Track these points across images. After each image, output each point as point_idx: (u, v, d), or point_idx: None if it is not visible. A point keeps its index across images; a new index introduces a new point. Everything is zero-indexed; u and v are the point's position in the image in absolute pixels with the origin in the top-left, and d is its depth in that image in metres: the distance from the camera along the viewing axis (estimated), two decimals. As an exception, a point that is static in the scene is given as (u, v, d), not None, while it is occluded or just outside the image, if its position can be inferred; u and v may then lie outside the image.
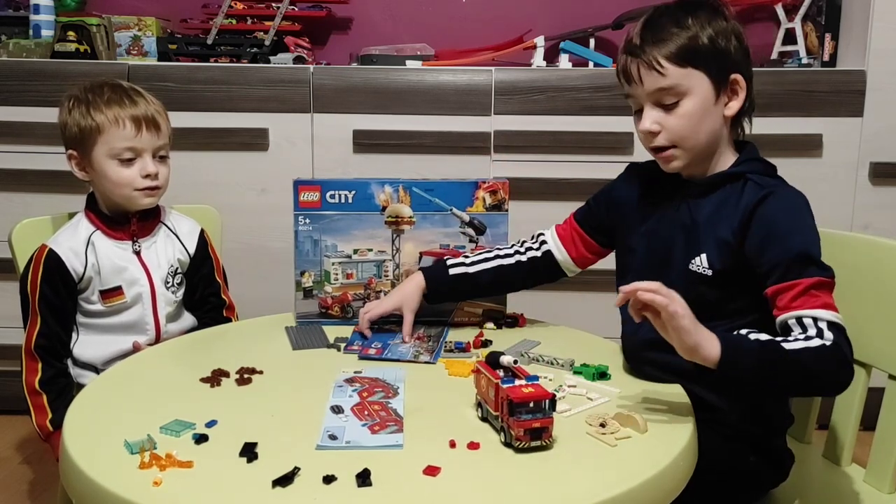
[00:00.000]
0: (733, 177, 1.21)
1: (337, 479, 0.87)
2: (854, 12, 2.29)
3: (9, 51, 2.32)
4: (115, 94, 1.42)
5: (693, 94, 1.18)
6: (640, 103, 1.22)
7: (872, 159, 2.22)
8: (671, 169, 1.24)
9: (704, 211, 1.21)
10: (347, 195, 1.44)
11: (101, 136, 1.40)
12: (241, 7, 2.50)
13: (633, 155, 2.21)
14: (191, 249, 1.56)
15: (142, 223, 1.49)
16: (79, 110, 1.41)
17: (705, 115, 1.19)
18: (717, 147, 1.23)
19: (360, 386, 1.14)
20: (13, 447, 2.20)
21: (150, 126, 1.42)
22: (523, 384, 0.97)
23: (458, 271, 1.41)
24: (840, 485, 1.29)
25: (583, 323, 1.50)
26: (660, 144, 1.21)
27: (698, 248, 1.19)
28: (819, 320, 1.07)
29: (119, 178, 1.42)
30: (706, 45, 1.17)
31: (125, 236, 1.47)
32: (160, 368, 1.25)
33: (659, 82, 1.18)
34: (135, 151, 1.42)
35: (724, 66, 1.19)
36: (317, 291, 1.47)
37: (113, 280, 1.45)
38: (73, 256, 1.42)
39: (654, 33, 1.18)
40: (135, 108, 1.41)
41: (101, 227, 1.46)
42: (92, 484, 0.88)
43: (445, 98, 2.22)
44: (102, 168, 1.42)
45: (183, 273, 1.56)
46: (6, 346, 2.27)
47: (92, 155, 1.42)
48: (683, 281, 1.18)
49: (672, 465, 0.94)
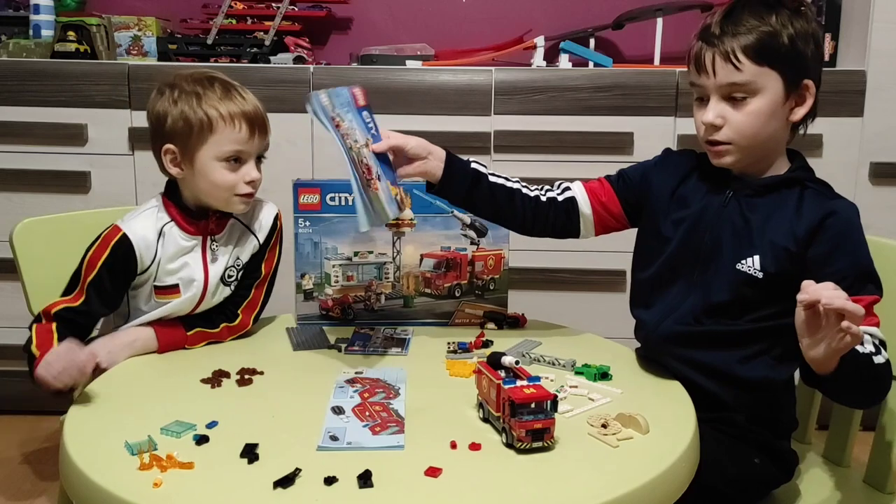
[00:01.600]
0: (790, 182, 1.20)
1: (338, 481, 0.87)
2: (854, 12, 2.29)
3: (9, 51, 2.32)
4: (226, 90, 1.30)
5: (764, 94, 1.16)
6: (706, 93, 1.19)
7: (872, 159, 2.22)
8: (721, 164, 1.21)
9: (759, 212, 1.19)
10: (348, 197, 1.44)
11: (213, 134, 1.28)
12: (241, 7, 2.50)
13: (632, 155, 2.21)
14: (262, 238, 1.41)
15: (220, 220, 1.37)
16: (187, 102, 1.28)
17: (771, 117, 1.17)
18: (774, 150, 1.22)
19: (362, 387, 1.14)
20: (13, 447, 2.20)
21: (261, 129, 1.32)
22: (525, 385, 0.97)
23: (479, 169, 1.30)
24: (840, 485, 1.29)
25: (584, 323, 1.50)
26: (719, 139, 1.19)
27: (751, 249, 1.18)
28: (874, 337, 1.09)
29: (223, 182, 1.30)
30: (785, 45, 1.15)
31: (198, 232, 1.35)
32: (161, 369, 1.25)
33: (733, 76, 1.15)
34: (242, 155, 1.31)
35: (799, 70, 1.17)
36: (317, 294, 1.47)
37: (172, 278, 1.34)
38: (144, 247, 1.30)
39: (735, 24, 1.15)
40: (246, 106, 1.30)
41: (177, 219, 1.34)
42: (92, 485, 0.87)
43: (445, 98, 2.22)
44: (205, 168, 1.29)
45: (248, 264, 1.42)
46: (6, 346, 2.27)
47: (196, 153, 1.29)
48: (728, 279, 1.18)
49: (674, 466, 0.94)
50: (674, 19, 2.46)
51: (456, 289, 1.48)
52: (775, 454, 1.22)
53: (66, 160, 2.23)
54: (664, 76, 2.20)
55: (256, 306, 1.42)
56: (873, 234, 1.32)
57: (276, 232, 1.44)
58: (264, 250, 1.43)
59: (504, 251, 1.48)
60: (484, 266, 1.48)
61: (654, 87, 2.20)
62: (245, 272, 1.42)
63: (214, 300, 1.38)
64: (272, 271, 1.45)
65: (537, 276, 2.23)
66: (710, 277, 1.20)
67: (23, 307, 1.51)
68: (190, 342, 1.32)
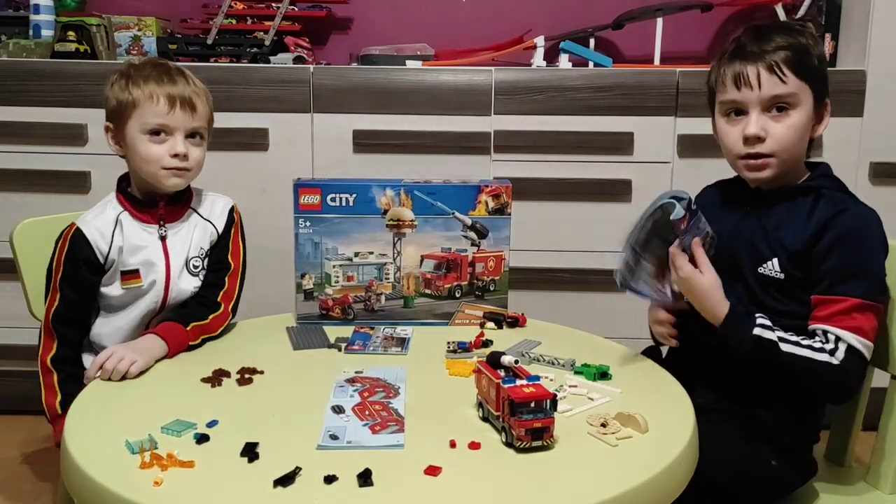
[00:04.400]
0: (806, 190, 1.24)
1: (338, 479, 0.87)
2: (854, 12, 2.29)
3: (9, 51, 2.32)
4: (156, 71, 1.41)
5: (802, 107, 1.21)
6: (745, 108, 1.23)
7: (872, 159, 2.22)
8: (759, 178, 1.25)
9: (773, 218, 1.24)
10: (348, 198, 1.44)
11: (136, 110, 1.39)
12: (241, 7, 2.50)
13: (632, 155, 2.21)
14: (220, 227, 1.50)
15: (170, 207, 1.46)
16: (119, 84, 1.42)
17: (806, 131, 1.23)
18: (799, 163, 1.27)
19: (361, 386, 1.15)
20: (13, 447, 2.20)
21: (184, 105, 1.40)
22: (524, 384, 0.98)
23: None
24: (841, 485, 1.29)
25: (584, 323, 1.50)
26: (761, 151, 1.22)
27: (768, 253, 1.22)
28: (840, 340, 1.13)
29: (147, 154, 1.39)
30: (815, 62, 1.21)
31: (152, 220, 1.44)
32: (161, 369, 1.25)
33: (778, 88, 1.20)
34: (166, 129, 1.39)
35: (822, 87, 1.24)
36: (317, 293, 1.47)
37: (133, 262, 1.42)
38: (98, 236, 1.41)
39: (769, 41, 1.21)
40: (172, 87, 1.40)
41: (128, 209, 1.44)
42: (93, 484, 0.88)
43: (445, 98, 2.22)
44: (133, 142, 1.40)
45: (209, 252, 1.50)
46: (6, 346, 2.27)
47: (126, 129, 1.41)
48: (755, 284, 1.23)
49: (673, 464, 0.94)
50: (674, 19, 2.46)
51: (456, 290, 1.48)
52: (794, 458, 1.23)
53: (66, 160, 2.23)
54: (664, 76, 2.20)
55: (233, 296, 1.48)
56: (872, 233, 1.32)
57: (234, 224, 1.52)
58: (225, 240, 1.50)
59: (505, 253, 1.48)
60: (484, 267, 1.48)
61: (654, 87, 2.20)
62: (213, 264, 1.49)
63: (182, 286, 1.45)
64: (242, 263, 1.52)
65: (537, 276, 2.22)
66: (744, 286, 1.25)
67: (23, 307, 1.51)
68: (190, 338, 1.35)
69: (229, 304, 1.46)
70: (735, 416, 1.20)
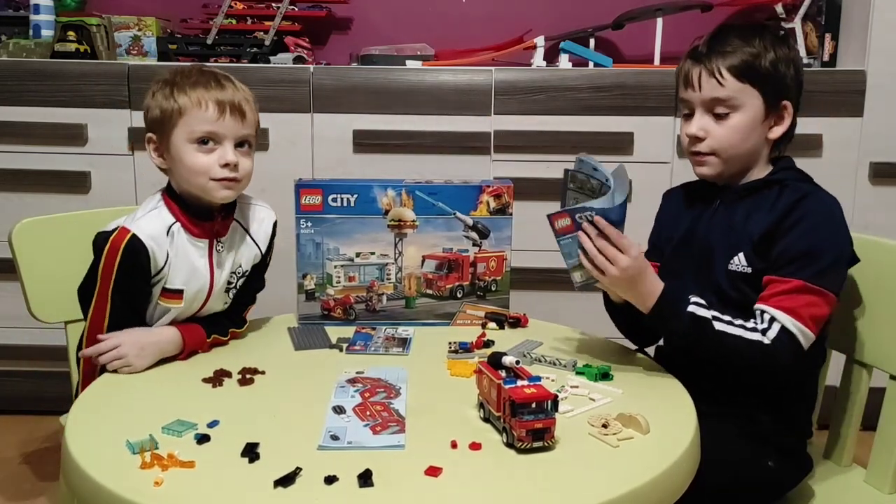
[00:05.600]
0: (770, 183, 1.26)
1: (338, 480, 0.87)
2: (854, 12, 2.29)
3: (9, 51, 2.32)
4: (203, 78, 1.32)
5: (744, 110, 1.24)
6: (692, 108, 1.27)
7: (872, 159, 2.22)
8: (701, 172, 1.30)
9: (739, 213, 1.26)
10: (350, 198, 1.44)
11: (182, 118, 1.29)
12: (241, 7, 2.50)
13: (632, 154, 2.21)
14: (263, 247, 1.43)
15: (223, 222, 1.36)
16: (162, 92, 1.32)
17: (751, 132, 1.25)
18: (754, 163, 1.29)
19: (362, 386, 1.14)
20: (13, 447, 2.20)
21: (234, 111, 1.31)
22: (525, 385, 0.97)
23: None
24: (840, 485, 1.29)
25: (585, 324, 1.50)
26: (700, 150, 1.27)
27: (736, 248, 1.24)
28: (775, 321, 1.15)
29: (195, 165, 1.29)
30: (767, 67, 1.23)
31: (204, 234, 1.34)
32: (162, 368, 1.25)
33: (716, 91, 1.23)
34: (215, 137, 1.30)
35: (778, 91, 1.25)
36: (319, 294, 1.47)
37: (179, 281, 1.32)
38: (155, 246, 1.28)
39: (721, 44, 1.24)
40: (220, 92, 1.31)
41: (182, 220, 1.32)
42: (94, 484, 0.88)
43: (445, 98, 2.22)
44: (179, 153, 1.30)
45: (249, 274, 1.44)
46: (6, 346, 2.27)
47: (171, 139, 1.31)
48: (726, 280, 1.25)
49: (674, 466, 0.94)
50: (674, 19, 2.46)
51: (457, 290, 1.48)
52: (793, 458, 1.24)
53: (66, 160, 2.23)
54: (664, 76, 2.20)
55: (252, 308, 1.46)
56: (873, 233, 1.32)
57: (273, 242, 1.46)
58: (266, 260, 1.45)
59: (506, 253, 1.48)
60: (486, 268, 1.48)
61: (654, 87, 2.20)
62: (250, 281, 1.44)
63: (214, 305, 1.38)
64: None
65: (538, 276, 2.22)
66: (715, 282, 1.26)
67: (23, 307, 1.51)
68: (206, 348, 1.32)
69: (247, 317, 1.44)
70: (731, 417, 1.20)
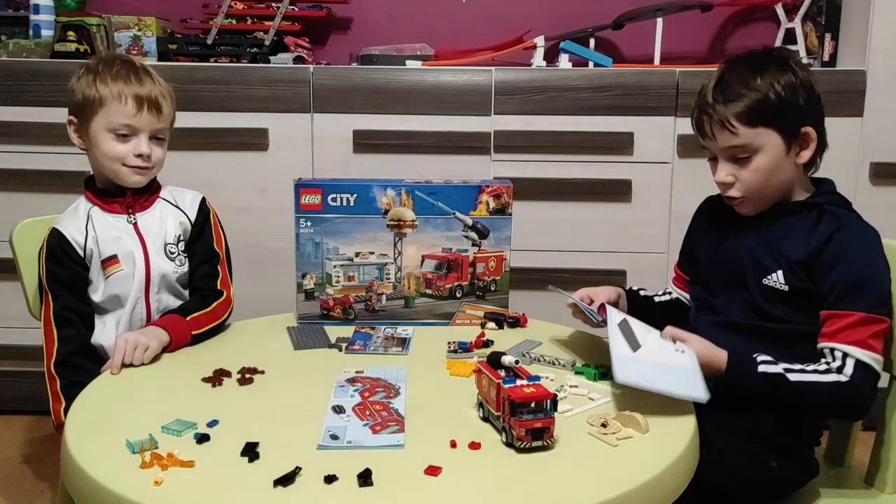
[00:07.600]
0: (810, 206, 1.25)
1: (338, 479, 0.87)
2: (854, 12, 2.29)
3: (9, 51, 2.32)
4: (124, 70, 1.43)
5: (765, 151, 1.22)
6: (714, 154, 1.27)
7: (872, 159, 2.22)
8: (743, 213, 1.30)
9: (776, 232, 1.26)
10: (349, 198, 1.44)
11: (102, 108, 1.41)
12: (241, 7, 2.50)
13: (632, 155, 2.21)
14: (192, 215, 1.52)
15: (137, 197, 1.48)
16: (86, 79, 1.43)
17: (777, 169, 1.24)
18: (791, 190, 1.28)
19: (362, 386, 1.15)
20: (13, 447, 2.20)
21: (151, 107, 1.42)
22: (525, 384, 0.98)
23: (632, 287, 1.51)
24: (841, 485, 1.29)
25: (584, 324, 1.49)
26: (732, 195, 1.27)
27: (772, 263, 1.24)
28: (848, 356, 1.14)
29: (111, 152, 1.42)
30: (775, 103, 1.21)
31: (120, 209, 1.46)
32: (162, 368, 1.25)
33: (731, 140, 1.23)
34: (132, 129, 1.42)
35: (794, 121, 1.23)
36: (318, 293, 1.47)
37: (110, 249, 1.44)
38: (74, 231, 1.43)
39: (724, 93, 1.22)
40: (139, 87, 1.42)
41: (97, 203, 1.46)
42: (93, 483, 0.88)
43: (445, 98, 2.21)
44: (97, 139, 1.42)
45: (186, 241, 1.51)
46: (6, 346, 2.27)
47: (91, 125, 1.43)
48: (760, 294, 1.25)
49: (673, 465, 0.94)
50: (674, 19, 2.46)
51: (457, 290, 1.48)
52: (797, 459, 1.24)
53: (65, 160, 2.23)
54: (664, 76, 2.20)
55: (229, 283, 1.52)
56: (872, 234, 1.32)
57: (210, 214, 1.54)
58: (200, 229, 1.52)
59: (506, 253, 1.48)
60: (485, 268, 1.48)
61: (654, 87, 2.20)
62: (202, 255, 1.51)
63: (164, 267, 1.46)
64: (226, 250, 1.55)
65: (537, 276, 2.22)
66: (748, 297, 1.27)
67: (22, 307, 1.52)
68: (193, 327, 1.36)
69: (230, 291, 1.50)
70: (734, 417, 1.20)
